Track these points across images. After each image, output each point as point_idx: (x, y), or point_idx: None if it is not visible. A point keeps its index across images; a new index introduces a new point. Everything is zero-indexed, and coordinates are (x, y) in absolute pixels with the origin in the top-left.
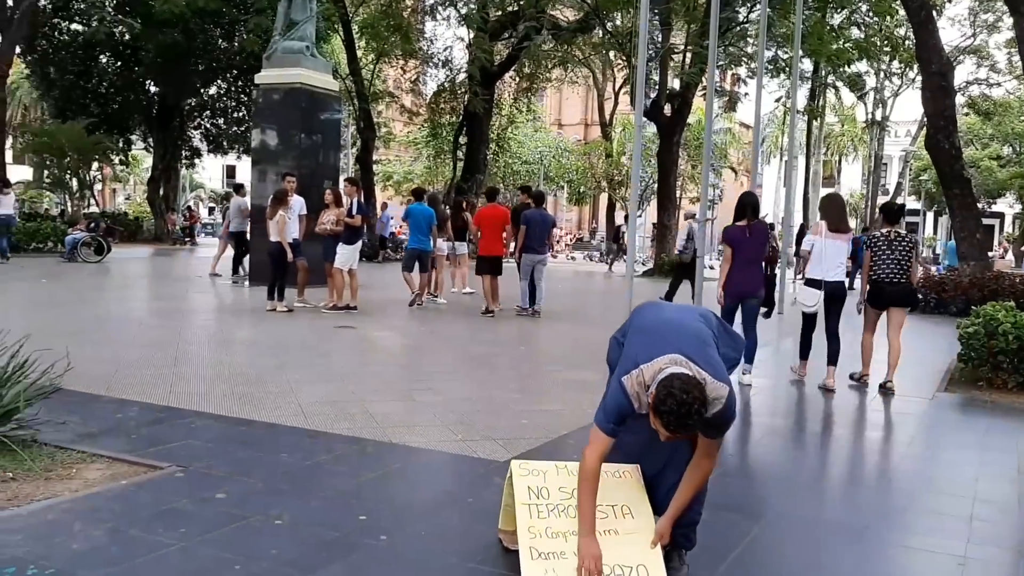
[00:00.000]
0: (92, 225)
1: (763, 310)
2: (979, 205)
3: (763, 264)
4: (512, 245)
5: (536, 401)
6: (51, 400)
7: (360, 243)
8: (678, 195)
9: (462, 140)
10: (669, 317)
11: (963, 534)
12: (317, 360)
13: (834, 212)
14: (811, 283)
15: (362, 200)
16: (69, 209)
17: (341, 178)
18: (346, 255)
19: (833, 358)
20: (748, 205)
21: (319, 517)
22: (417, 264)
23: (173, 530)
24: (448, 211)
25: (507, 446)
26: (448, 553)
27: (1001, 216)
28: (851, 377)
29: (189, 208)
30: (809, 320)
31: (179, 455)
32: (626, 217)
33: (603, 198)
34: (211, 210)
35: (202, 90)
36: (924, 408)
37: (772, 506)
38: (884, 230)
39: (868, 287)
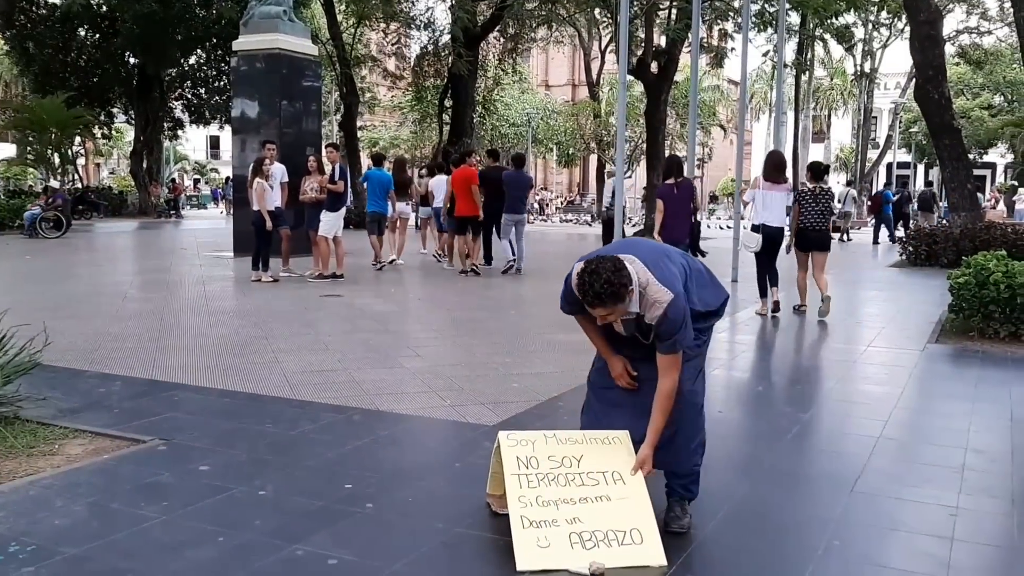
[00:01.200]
0: (51, 200)
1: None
2: (970, 155)
3: (693, 218)
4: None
5: (526, 364)
6: (32, 376)
7: (344, 210)
8: (667, 154)
9: (447, 103)
10: (652, 241)
11: (955, 484)
12: (303, 329)
13: (771, 167)
14: (755, 228)
15: (346, 166)
16: (52, 184)
17: (323, 145)
18: (330, 222)
19: (774, 282)
20: (675, 166)
21: (304, 487)
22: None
23: (155, 503)
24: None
25: (496, 410)
26: (435, 518)
27: (993, 166)
28: (794, 309)
29: (173, 180)
30: (759, 260)
31: (162, 428)
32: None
33: (592, 159)
34: (196, 182)
35: (182, 60)
36: (915, 359)
37: (762, 460)
38: (811, 186)
39: (796, 233)
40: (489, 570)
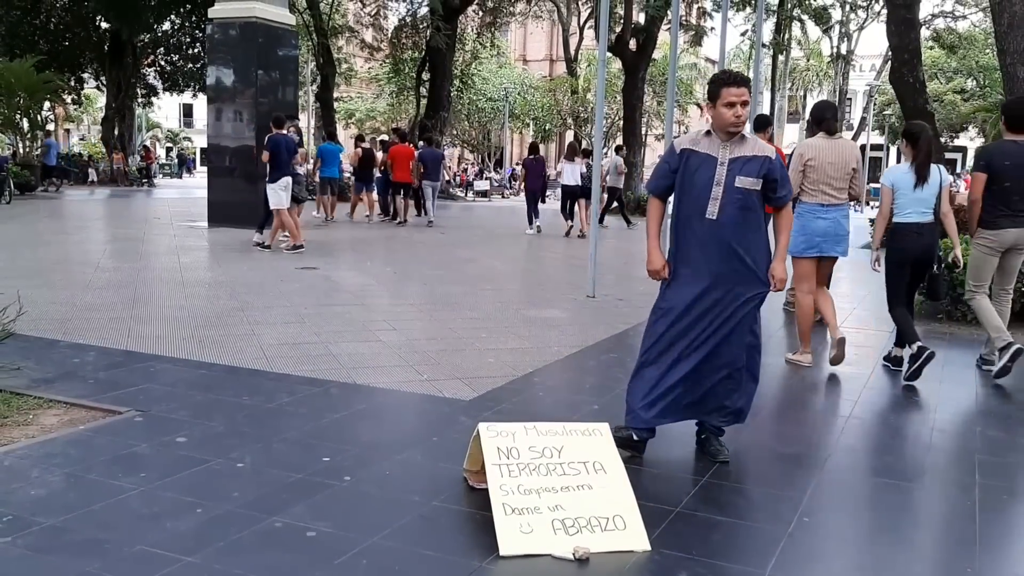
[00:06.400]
0: None
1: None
2: (942, 139)
3: (544, 181)
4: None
5: (502, 339)
6: (4, 345)
7: (285, 181)
8: (644, 132)
9: (425, 76)
10: None
11: (921, 464)
12: (279, 301)
13: (569, 150)
14: (563, 187)
15: (284, 138)
16: (21, 150)
17: (301, 115)
18: (273, 195)
19: (572, 215)
20: (534, 147)
21: (281, 459)
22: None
23: (133, 475)
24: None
25: (473, 385)
26: (412, 492)
27: (964, 150)
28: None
29: (146, 148)
30: (562, 201)
31: (138, 399)
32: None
33: (569, 135)
34: (168, 151)
35: (155, 25)
36: (884, 341)
37: (734, 438)
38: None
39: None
40: (466, 543)
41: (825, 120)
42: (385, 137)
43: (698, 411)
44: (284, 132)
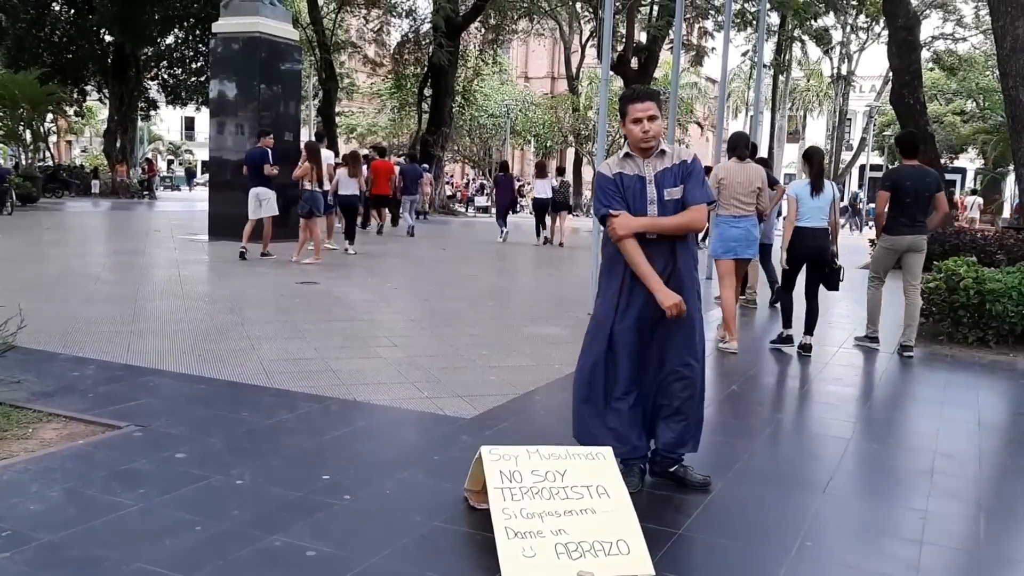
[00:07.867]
0: None
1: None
2: (942, 160)
3: (513, 195)
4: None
5: (503, 357)
6: (5, 358)
7: (251, 191)
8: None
9: (427, 92)
10: None
11: (924, 487)
12: (279, 316)
13: (539, 169)
14: (534, 199)
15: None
16: (23, 162)
17: (303, 130)
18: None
19: (545, 226)
20: (504, 165)
21: (281, 477)
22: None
23: (132, 490)
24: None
25: (474, 403)
26: (413, 511)
27: (963, 171)
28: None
29: (148, 160)
30: (536, 213)
31: (138, 414)
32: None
33: (570, 153)
34: (169, 163)
35: (159, 39)
36: (886, 363)
37: (736, 460)
38: (557, 178)
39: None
40: (467, 564)
41: (737, 148)
42: (366, 152)
43: (655, 416)
44: (259, 145)
